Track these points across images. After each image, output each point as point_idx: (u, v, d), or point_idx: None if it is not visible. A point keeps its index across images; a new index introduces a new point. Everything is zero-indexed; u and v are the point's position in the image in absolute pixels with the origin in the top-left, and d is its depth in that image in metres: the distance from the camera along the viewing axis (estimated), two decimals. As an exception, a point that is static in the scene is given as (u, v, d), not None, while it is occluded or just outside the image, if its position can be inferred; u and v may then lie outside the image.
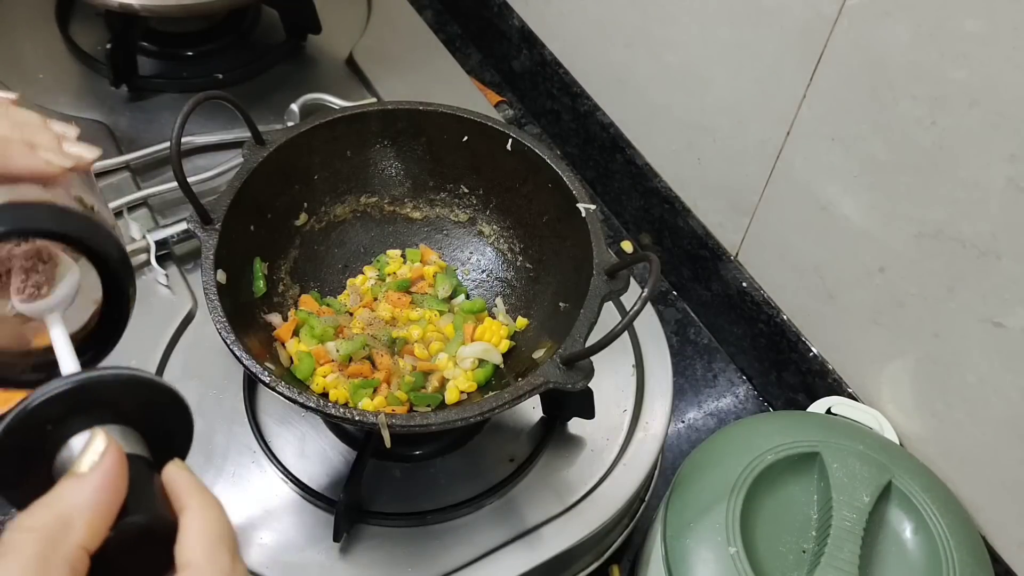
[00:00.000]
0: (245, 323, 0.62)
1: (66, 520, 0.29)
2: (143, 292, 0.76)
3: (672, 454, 0.90)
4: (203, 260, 0.61)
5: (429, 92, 0.81)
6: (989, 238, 0.65)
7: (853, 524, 0.64)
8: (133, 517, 0.31)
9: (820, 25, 0.70)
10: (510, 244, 0.73)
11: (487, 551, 0.65)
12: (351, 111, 0.71)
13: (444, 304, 0.71)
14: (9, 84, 0.89)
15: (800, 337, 0.87)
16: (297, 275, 0.71)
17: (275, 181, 0.68)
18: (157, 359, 0.72)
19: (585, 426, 0.71)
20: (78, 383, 0.32)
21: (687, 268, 0.98)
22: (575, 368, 0.56)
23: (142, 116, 0.89)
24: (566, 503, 0.68)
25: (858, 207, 0.75)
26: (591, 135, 1.05)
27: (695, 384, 0.96)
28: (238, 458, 0.68)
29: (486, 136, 0.70)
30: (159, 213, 0.81)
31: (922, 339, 0.74)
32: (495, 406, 0.55)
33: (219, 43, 0.95)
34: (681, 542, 0.66)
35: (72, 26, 0.96)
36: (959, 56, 0.61)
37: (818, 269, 0.82)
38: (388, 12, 1.01)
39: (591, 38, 0.99)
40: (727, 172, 0.88)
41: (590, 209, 0.64)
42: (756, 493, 0.67)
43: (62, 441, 0.32)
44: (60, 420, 0.32)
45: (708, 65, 0.84)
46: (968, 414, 0.73)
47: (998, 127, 0.61)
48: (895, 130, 0.68)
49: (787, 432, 0.70)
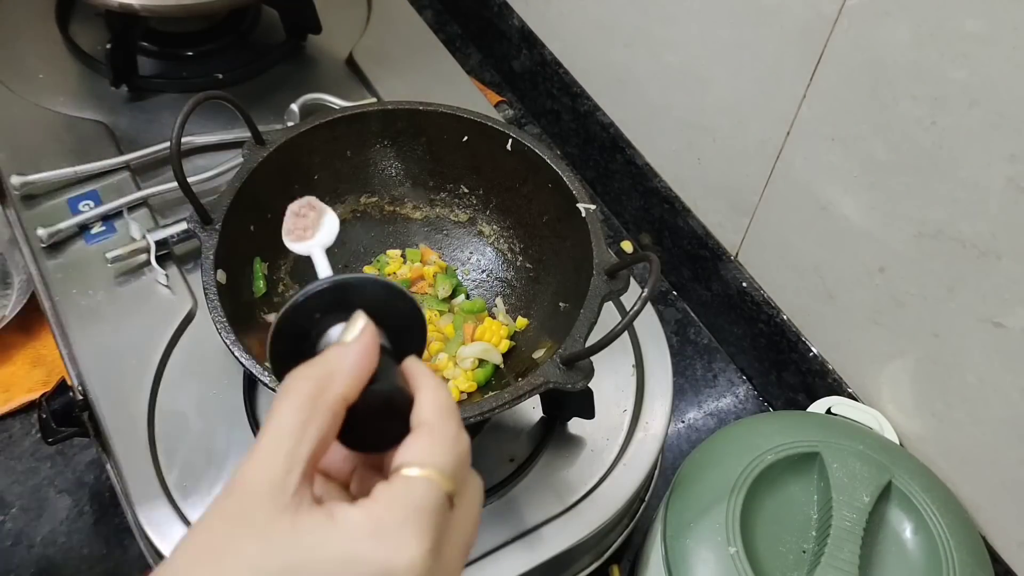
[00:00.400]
0: (245, 323, 0.62)
1: (332, 374, 0.36)
2: (143, 292, 0.76)
3: (672, 454, 0.90)
4: (203, 260, 0.61)
5: (429, 92, 0.81)
6: (989, 238, 0.65)
7: (853, 524, 0.64)
8: (380, 385, 0.37)
9: (820, 25, 0.70)
10: (510, 244, 0.73)
11: (487, 551, 0.65)
12: (351, 111, 0.71)
13: (444, 304, 0.71)
14: (9, 84, 0.89)
15: (800, 337, 0.87)
16: (297, 275, 0.71)
17: (275, 181, 0.68)
18: (157, 359, 0.72)
19: (585, 426, 0.71)
20: (337, 282, 0.40)
21: (687, 268, 0.98)
22: (575, 368, 0.56)
23: (142, 116, 0.89)
24: (566, 503, 0.68)
25: (858, 207, 0.75)
26: (591, 135, 1.05)
27: (695, 384, 0.96)
28: (238, 458, 0.68)
29: (486, 136, 0.70)
30: (159, 213, 0.81)
31: (922, 339, 0.74)
32: (495, 406, 0.55)
33: (219, 43, 0.95)
34: (681, 542, 0.66)
35: (72, 26, 0.96)
36: (959, 56, 0.61)
37: (818, 269, 0.82)
38: (388, 12, 1.01)
39: (591, 38, 0.99)
40: (727, 172, 0.88)
41: (590, 209, 0.64)
42: (756, 493, 0.67)
43: (324, 330, 0.40)
44: (324, 311, 0.40)
45: (708, 65, 0.84)
46: (968, 414, 0.73)
47: (998, 127, 0.61)
48: (895, 130, 0.68)
49: (787, 432, 0.70)
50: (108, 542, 0.81)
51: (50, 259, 0.77)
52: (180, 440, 0.69)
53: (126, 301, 0.75)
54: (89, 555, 0.81)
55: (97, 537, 0.82)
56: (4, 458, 0.86)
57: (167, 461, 0.68)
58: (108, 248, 0.76)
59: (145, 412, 0.69)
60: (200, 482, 0.67)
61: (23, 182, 0.80)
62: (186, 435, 0.69)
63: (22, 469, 0.85)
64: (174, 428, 0.69)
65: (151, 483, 0.66)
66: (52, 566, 0.80)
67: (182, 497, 0.66)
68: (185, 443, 0.69)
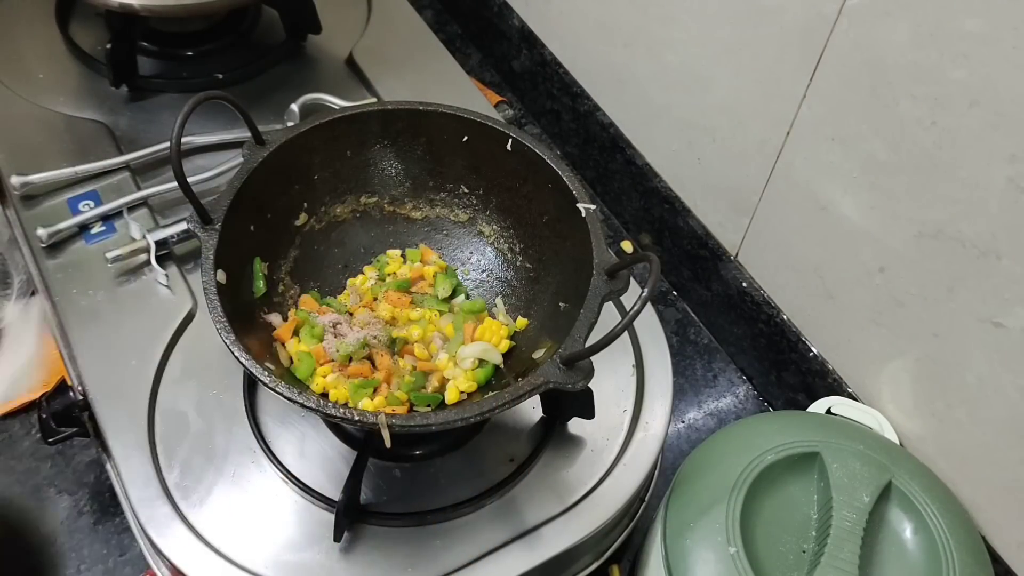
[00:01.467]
0: (245, 323, 0.62)
1: None
2: (143, 292, 0.76)
3: (672, 454, 0.90)
4: (203, 260, 0.61)
5: (429, 92, 0.81)
6: (989, 238, 0.65)
7: (853, 524, 0.64)
8: None
9: (820, 25, 0.70)
10: (510, 244, 0.73)
11: (487, 551, 0.65)
12: (351, 111, 0.71)
13: (444, 304, 0.71)
14: (9, 84, 0.89)
15: (800, 337, 0.87)
16: (297, 275, 0.71)
17: (275, 181, 0.68)
18: (157, 359, 0.72)
19: (585, 426, 0.71)
20: None
21: (687, 268, 0.98)
22: (575, 368, 0.56)
23: (142, 116, 0.89)
24: (566, 503, 0.68)
25: (858, 207, 0.75)
26: (591, 135, 1.05)
27: (695, 384, 0.96)
28: (238, 458, 0.68)
29: (486, 136, 0.70)
30: (159, 213, 0.81)
31: (922, 339, 0.74)
32: (495, 406, 0.55)
33: (219, 43, 0.95)
34: (681, 542, 0.66)
35: (72, 26, 0.96)
36: (959, 56, 0.61)
37: (818, 269, 0.82)
38: (388, 12, 1.01)
39: (591, 38, 0.99)
40: (727, 172, 0.88)
41: (590, 209, 0.64)
42: (756, 493, 0.67)
43: None
44: None
45: (708, 65, 0.84)
46: (968, 414, 0.73)
47: (998, 127, 0.61)
48: (895, 130, 0.68)
49: (787, 432, 0.70)
50: (108, 542, 0.81)
51: (50, 259, 0.77)
52: (180, 440, 0.69)
53: (126, 301, 0.75)
54: (89, 555, 0.81)
55: (97, 537, 0.82)
56: (4, 458, 0.86)
57: (167, 461, 0.68)
58: (108, 248, 0.76)
59: (145, 412, 0.69)
60: (200, 482, 0.67)
61: (23, 182, 0.80)
62: (186, 435, 0.69)
63: (22, 469, 0.85)
64: (174, 428, 0.69)
65: (151, 483, 0.66)
66: (52, 566, 0.80)
67: (182, 497, 0.66)
68: (185, 443, 0.69)
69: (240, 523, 0.66)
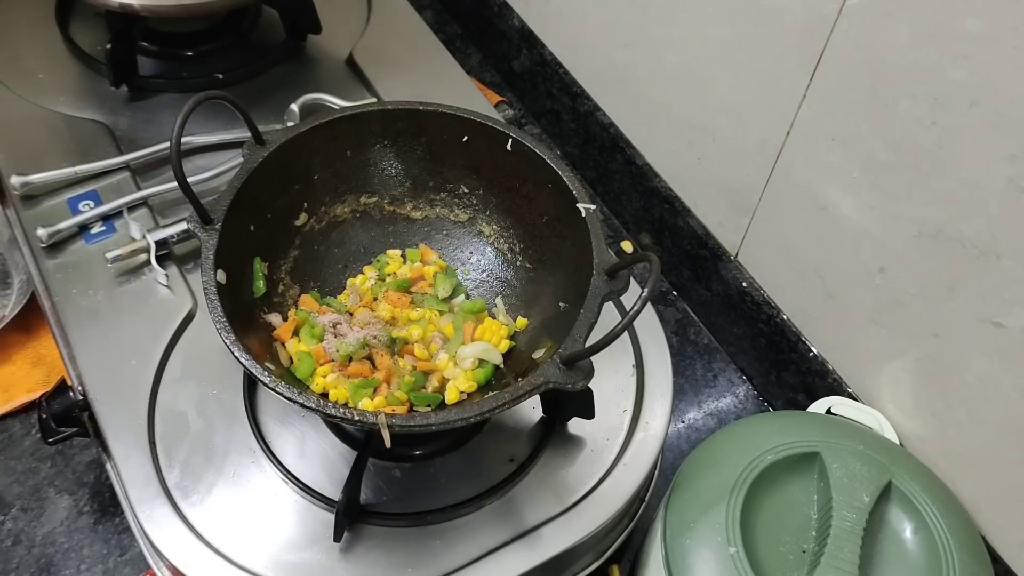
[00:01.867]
0: (245, 323, 0.62)
1: None
2: (143, 292, 0.76)
3: (672, 454, 0.90)
4: (203, 260, 0.61)
5: (429, 92, 0.81)
6: (989, 238, 0.65)
7: (853, 524, 0.64)
8: None
9: (820, 25, 0.70)
10: (510, 244, 0.73)
11: (487, 551, 0.65)
12: (351, 111, 0.71)
13: (444, 304, 0.71)
14: (9, 84, 0.89)
15: (800, 337, 0.87)
16: (297, 275, 0.71)
17: (275, 181, 0.68)
18: (157, 359, 0.72)
19: (585, 426, 0.71)
20: None
21: (687, 268, 0.98)
22: (575, 368, 0.56)
23: (142, 116, 0.89)
24: (566, 503, 0.68)
25: (858, 207, 0.75)
26: (591, 135, 1.05)
27: (695, 384, 0.96)
28: (238, 458, 0.68)
29: (486, 136, 0.70)
30: (159, 213, 0.81)
31: (922, 339, 0.74)
32: (495, 406, 0.55)
33: (219, 43, 0.95)
34: (681, 542, 0.66)
35: (72, 26, 0.96)
36: (959, 56, 0.61)
37: (818, 269, 0.82)
38: (388, 12, 1.01)
39: (591, 38, 0.99)
40: (727, 172, 0.88)
41: (590, 209, 0.64)
42: (756, 493, 0.67)
43: None
44: None
45: (708, 65, 0.84)
46: (968, 414, 0.73)
47: (998, 127, 0.61)
48: (895, 130, 0.68)
49: (787, 432, 0.70)
50: (108, 542, 0.81)
51: (50, 259, 0.77)
52: (180, 440, 0.69)
53: (126, 301, 0.75)
54: (89, 555, 0.81)
55: (97, 537, 0.82)
56: (4, 458, 0.86)
57: (167, 461, 0.68)
58: (108, 248, 0.76)
59: (145, 412, 0.69)
60: (200, 482, 0.67)
61: (23, 182, 0.80)
62: (186, 435, 0.69)
63: (22, 469, 0.85)
64: (174, 428, 0.69)
65: (151, 483, 0.66)
66: (52, 566, 0.80)
67: (182, 497, 0.66)
68: (185, 443, 0.69)
69: (240, 523, 0.66)
